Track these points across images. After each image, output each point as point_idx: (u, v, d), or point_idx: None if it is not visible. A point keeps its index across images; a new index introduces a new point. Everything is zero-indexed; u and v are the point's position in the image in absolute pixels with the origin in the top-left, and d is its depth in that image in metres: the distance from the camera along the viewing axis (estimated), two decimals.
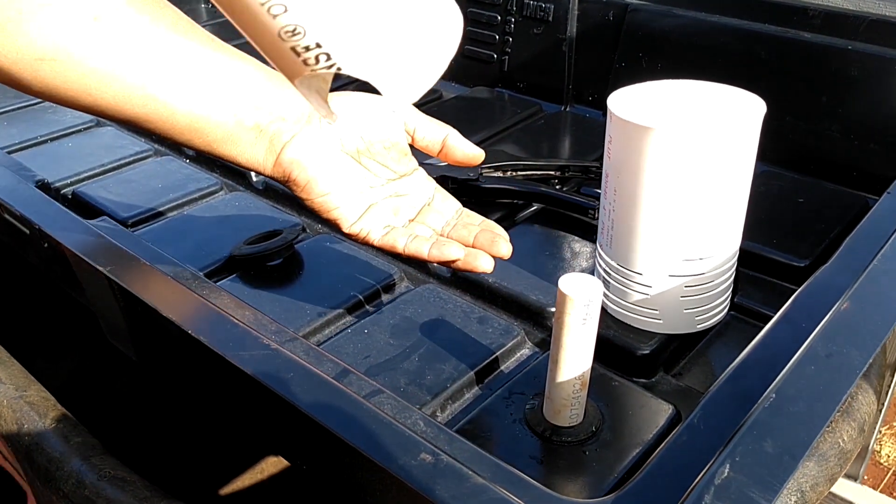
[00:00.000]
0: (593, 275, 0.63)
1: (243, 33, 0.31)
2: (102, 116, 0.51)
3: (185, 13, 0.50)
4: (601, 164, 0.82)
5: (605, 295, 0.62)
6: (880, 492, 1.30)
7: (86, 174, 0.88)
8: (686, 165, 0.53)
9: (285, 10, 0.28)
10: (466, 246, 0.55)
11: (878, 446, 1.44)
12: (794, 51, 0.80)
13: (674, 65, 0.88)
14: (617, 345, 0.60)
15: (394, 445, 0.35)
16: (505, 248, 0.55)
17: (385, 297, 0.68)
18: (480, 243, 0.56)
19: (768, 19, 0.82)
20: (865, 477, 1.27)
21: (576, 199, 0.76)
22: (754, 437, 0.34)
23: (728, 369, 0.41)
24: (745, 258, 0.64)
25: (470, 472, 0.34)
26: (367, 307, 0.67)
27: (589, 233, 0.74)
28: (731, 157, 0.54)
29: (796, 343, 0.39)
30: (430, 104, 1.03)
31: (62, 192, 0.86)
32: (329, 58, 0.30)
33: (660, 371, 0.60)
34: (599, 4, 0.94)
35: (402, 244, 0.55)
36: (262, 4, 0.29)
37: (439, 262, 0.54)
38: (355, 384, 0.41)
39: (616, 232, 0.59)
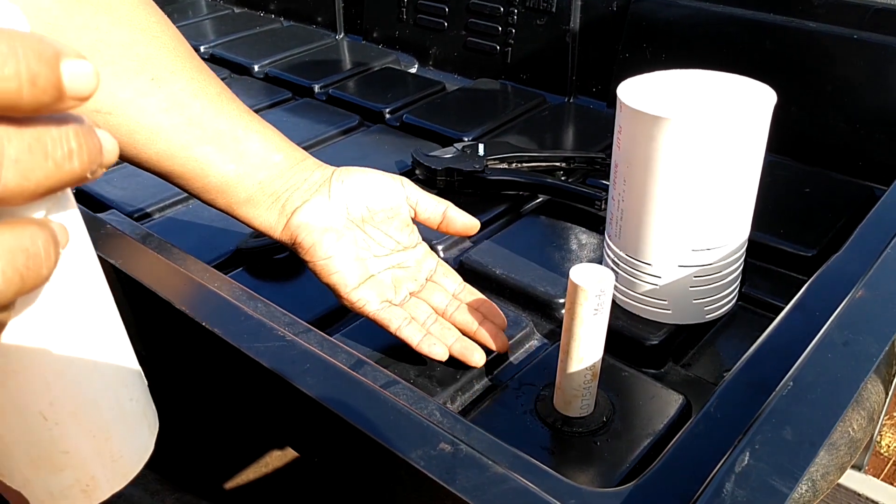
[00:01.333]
0: (602, 265, 0.63)
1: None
2: (139, 167, 0.55)
3: (186, 7, 0.50)
4: (606, 155, 0.82)
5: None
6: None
7: None
8: (698, 155, 0.53)
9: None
10: (466, 334, 0.58)
11: (879, 437, 1.44)
12: (798, 40, 0.80)
13: (678, 55, 0.88)
14: (626, 335, 0.60)
15: (413, 436, 0.35)
16: (502, 343, 0.58)
17: None
18: (482, 337, 0.58)
19: (773, 9, 0.82)
20: (867, 467, 1.28)
21: (582, 191, 0.76)
22: (773, 426, 0.34)
23: (743, 358, 0.41)
24: (752, 248, 0.64)
25: (489, 462, 0.34)
26: None
27: (595, 224, 0.74)
28: (743, 146, 0.54)
29: (811, 331, 0.39)
30: (435, 97, 1.02)
31: None
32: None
33: (669, 361, 0.60)
34: None
35: (395, 325, 0.57)
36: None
37: (425, 355, 0.56)
38: (370, 375, 0.41)
39: (625, 222, 0.59)
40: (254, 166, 0.56)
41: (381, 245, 0.59)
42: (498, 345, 0.58)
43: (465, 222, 0.61)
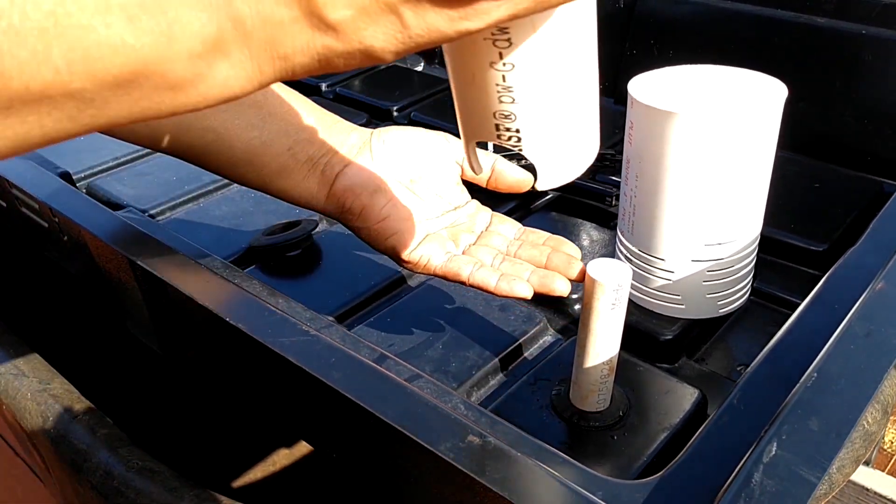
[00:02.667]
0: None
1: (458, 89, 0.38)
2: (161, 150, 0.51)
3: None
4: (616, 152, 0.82)
5: None
6: None
7: (99, 168, 0.87)
8: (710, 149, 0.53)
9: (513, 101, 0.36)
10: (539, 267, 0.53)
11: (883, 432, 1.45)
12: (806, 36, 0.80)
13: (685, 52, 0.89)
14: (640, 330, 0.60)
15: (441, 429, 0.35)
16: (578, 271, 0.52)
17: (406, 286, 0.68)
18: (555, 265, 0.53)
19: (781, 4, 0.82)
20: (874, 462, 1.28)
21: (593, 187, 0.77)
22: (799, 416, 0.34)
23: (763, 351, 0.41)
24: (763, 243, 0.64)
25: (517, 454, 0.34)
26: (388, 295, 0.67)
27: (606, 219, 0.75)
28: (755, 140, 0.54)
29: (832, 324, 0.40)
30: (441, 93, 1.03)
31: (77, 185, 0.86)
32: (519, 140, 0.37)
33: (683, 356, 0.60)
34: None
35: (466, 272, 0.52)
36: (497, 87, 0.35)
37: (507, 297, 0.51)
38: (393, 369, 0.41)
39: (638, 218, 0.59)
40: (281, 132, 0.51)
41: (432, 206, 0.55)
42: (574, 274, 0.51)
43: (518, 177, 0.56)
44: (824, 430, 0.33)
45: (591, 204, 0.77)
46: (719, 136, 0.53)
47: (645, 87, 0.57)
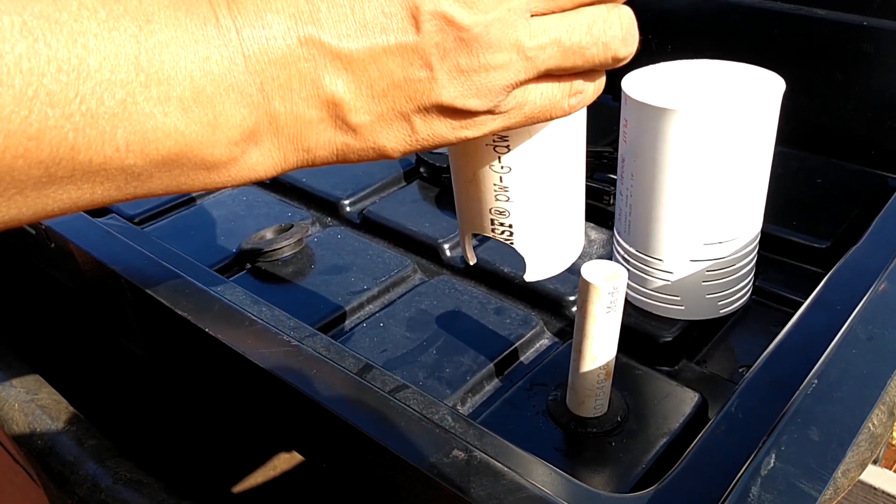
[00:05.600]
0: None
1: (458, 185, 0.42)
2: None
3: None
4: (614, 149, 0.81)
5: None
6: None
7: None
8: (707, 147, 0.52)
9: (508, 200, 0.40)
10: None
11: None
12: (807, 28, 0.79)
13: (684, 45, 0.87)
14: (638, 332, 0.59)
15: (424, 443, 0.34)
16: None
17: (399, 290, 0.67)
18: None
19: None
20: (882, 461, 1.26)
21: (590, 185, 0.75)
22: (799, 425, 0.33)
23: (762, 356, 0.40)
24: (765, 241, 0.63)
25: (505, 469, 0.33)
26: (382, 300, 0.65)
27: (604, 219, 0.73)
28: (753, 135, 0.53)
29: (833, 327, 0.38)
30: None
31: None
32: (511, 235, 0.41)
33: (682, 358, 0.59)
34: None
35: None
36: (494, 186, 0.39)
37: None
38: (379, 380, 0.40)
39: (634, 217, 0.58)
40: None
41: None
42: None
43: None
44: (825, 440, 0.32)
45: (588, 203, 0.75)
46: (715, 132, 0.51)
47: (638, 83, 0.56)
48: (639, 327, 0.59)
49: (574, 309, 0.63)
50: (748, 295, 0.61)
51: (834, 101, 0.79)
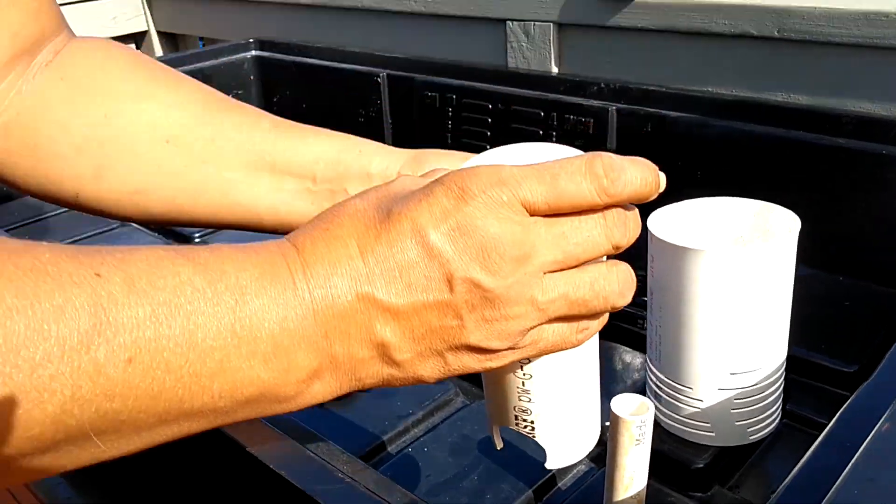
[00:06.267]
0: (646, 387, 0.65)
1: (487, 385, 0.48)
2: (206, 226, 0.63)
3: None
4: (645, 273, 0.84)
5: (656, 409, 0.64)
6: None
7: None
8: (728, 284, 0.55)
9: (529, 401, 0.46)
10: None
11: None
12: (828, 156, 0.83)
13: (712, 172, 0.91)
14: (671, 459, 0.61)
15: None
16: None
17: (441, 414, 0.70)
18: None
19: (803, 127, 0.85)
20: None
21: (624, 310, 0.78)
22: None
23: (772, 499, 0.42)
24: (794, 364, 0.65)
25: None
26: (426, 424, 0.69)
27: (638, 342, 0.76)
28: (772, 272, 0.56)
29: (841, 465, 0.41)
30: None
31: None
32: (533, 429, 0.47)
33: (715, 484, 0.60)
34: (637, 117, 0.98)
35: None
36: (517, 389, 0.46)
37: None
38: None
39: (664, 347, 0.61)
40: (304, 195, 0.62)
41: None
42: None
43: None
44: None
45: (621, 326, 0.78)
46: (737, 271, 0.55)
47: (664, 221, 0.60)
48: (672, 454, 0.61)
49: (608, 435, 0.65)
50: (777, 420, 0.63)
51: (860, 225, 0.82)
